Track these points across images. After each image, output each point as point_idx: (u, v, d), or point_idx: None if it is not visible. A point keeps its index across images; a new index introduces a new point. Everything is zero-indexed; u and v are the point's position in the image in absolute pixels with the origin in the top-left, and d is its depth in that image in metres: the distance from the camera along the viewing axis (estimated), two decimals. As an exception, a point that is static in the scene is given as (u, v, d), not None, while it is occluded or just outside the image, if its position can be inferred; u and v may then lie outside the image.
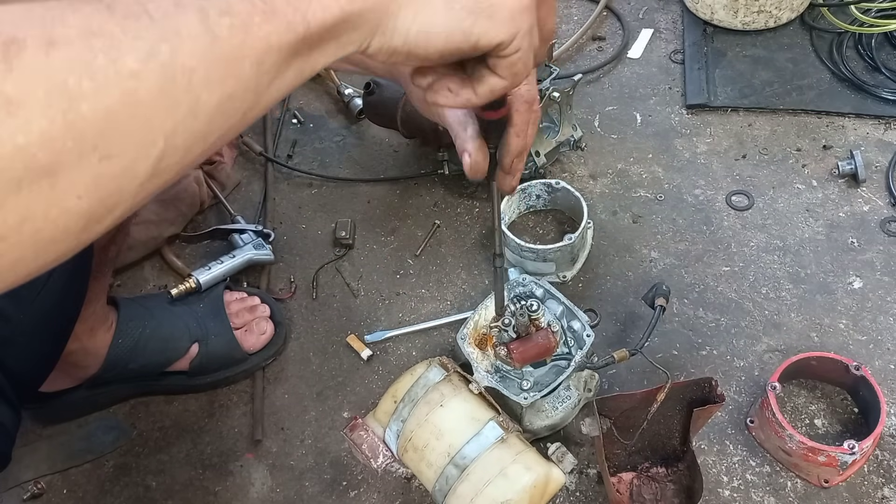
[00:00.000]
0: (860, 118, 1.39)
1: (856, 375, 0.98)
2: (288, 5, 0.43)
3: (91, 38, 0.37)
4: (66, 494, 1.04)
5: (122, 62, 0.37)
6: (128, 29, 0.38)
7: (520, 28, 0.52)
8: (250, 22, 0.42)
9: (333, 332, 1.18)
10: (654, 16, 1.67)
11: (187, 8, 0.40)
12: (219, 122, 0.43)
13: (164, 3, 0.39)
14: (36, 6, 0.37)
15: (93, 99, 0.36)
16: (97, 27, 0.37)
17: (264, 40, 0.43)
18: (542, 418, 0.99)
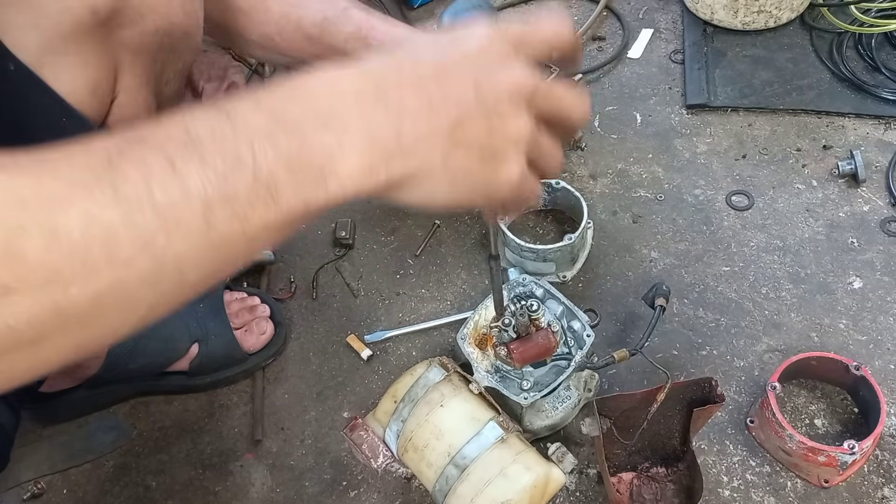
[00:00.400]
0: (860, 118, 1.39)
1: (856, 375, 0.98)
2: (292, 194, 0.44)
3: (92, 227, 0.38)
4: (66, 494, 1.04)
5: (116, 252, 0.39)
6: (129, 220, 0.39)
7: (516, 193, 0.54)
8: (250, 211, 0.42)
9: (333, 332, 1.18)
10: (654, 16, 1.67)
11: (192, 198, 0.40)
12: (202, 285, 0.44)
13: (172, 188, 0.40)
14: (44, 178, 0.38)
15: (82, 285, 0.38)
16: (98, 214, 0.38)
17: (262, 226, 0.43)
18: (542, 418, 0.99)
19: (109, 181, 0.39)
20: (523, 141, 0.52)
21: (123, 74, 0.72)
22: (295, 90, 0.46)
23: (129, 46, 0.71)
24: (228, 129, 0.42)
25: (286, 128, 0.44)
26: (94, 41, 0.67)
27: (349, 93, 0.46)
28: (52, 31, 0.64)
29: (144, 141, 0.41)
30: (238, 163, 0.42)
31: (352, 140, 0.45)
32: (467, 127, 0.50)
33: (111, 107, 0.73)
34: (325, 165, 0.45)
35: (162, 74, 0.77)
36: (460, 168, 0.50)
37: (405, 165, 0.48)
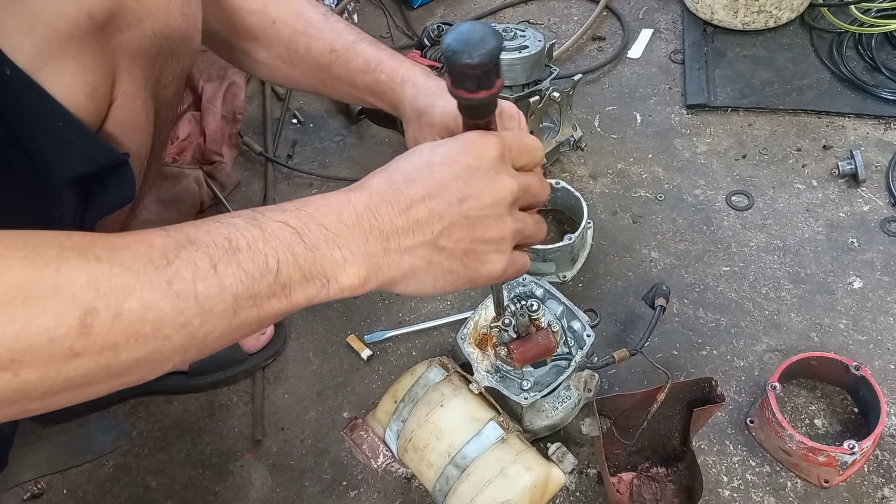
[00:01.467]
0: (860, 118, 1.39)
1: (856, 375, 0.98)
2: (301, 293, 0.55)
3: (147, 312, 0.48)
4: (66, 494, 1.04)
5: (162, 331, 0.49)
6: (176, 308, 0.49)
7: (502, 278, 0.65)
8: (268, 304, 0.54)
9: (333, 332, 1.18)
10: (654, 16, 1.67)
11: (226, 291, 0.51)
12: (220, 348, 0.54)
13: (212, 285, 0.51)
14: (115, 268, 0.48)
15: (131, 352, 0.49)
16: (154, 303, 0.48)
17: (273, 313, 0.55)
18: (542, 418, 0.99)
19: (166, 277, 0.49)
20: (507, 240, 0.61)
21: (121, 78, 0.72)
22: (312, 207, 0.57)
23: (126, 50, 0.71)
24: (261, 241, 0.53)
25: (306, 244, 0.55)
26: (91, 45, 0.67)
27: (353, 219, 0.57)
28: (49, 35, 0.64)
29: (195, 244, 0.51)
30: (265, 269, 0.53)
31: (353, 258, 0.57)
32: (450, 237, 0.59)
33: (109, 110, 0.73)
34: (330, 275, 0.56)
35: (160, 78, 0.77)
36: (443, 269, 0.60)
37: (393, 275, 0.59)
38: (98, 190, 0.73)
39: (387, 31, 1.76)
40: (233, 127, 1.45)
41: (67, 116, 0.67)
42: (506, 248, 0.62)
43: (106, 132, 0.74)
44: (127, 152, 0.74)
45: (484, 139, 0.60)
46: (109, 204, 0.75)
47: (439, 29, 1.49)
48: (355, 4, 1.82)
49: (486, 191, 0.59)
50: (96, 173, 0.71)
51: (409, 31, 1.75)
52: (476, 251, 0.61)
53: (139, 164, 0.80)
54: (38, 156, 0.67)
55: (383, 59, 0.87)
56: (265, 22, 0.88)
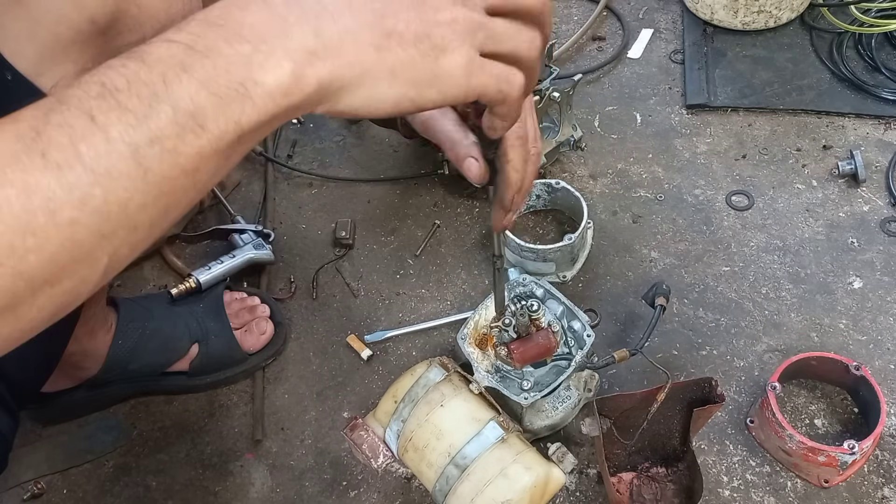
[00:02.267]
0: (860, 118, 1.39)
1: (856, 375, 0.98)
2: (219, 115, 0.44)
3: (30, 197, 0.40)
4: (66, 494, 1.04)
5: (60, 215, 0.41)
6: (63, 182, 0.40)
7: (474, 83, 0.51)
8: (181, 143, 0.43)
9: (333, 332, 1.18)
10: (654, 16, 1.67)
11: (115, 143, 0.41)
12: (161, 222, 0.46)
13: (96, 140, 0.41)
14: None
15: (37, 251, 0.41)
16: (34, 183, 0.40)
17: (197, 155, 0.44)
18: (542, 418, 0.99)
19: (38, 150, 0.40)
20: (463, 29, 0.49)
21: None
22: (206, 16, 0.45)
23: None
24: (143, 69, 0.43)
25: (199, 52, 0.43)
26: (92, 50, 0.66)
27: (261, 6, 0.45)
28: (50, 40, 0.64)
29: (65, 102, 0.42)
30: (155, 99, 0.42)
31: (269, 47, 0.44)
32: (397, 17, 0.47)
33: None
34: (246, 79, 0.44)
35: None
36: (397, 60, 0.48)
37: (334, 65, 0.46)
38: None
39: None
40: (233, 127, 1.45)
41: None
42: (463, 35, 0.49)
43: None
44: None
45: None
46: None
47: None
48: None
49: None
50: None
51: (409, 31, 1.74)
52: (430, 35, 0.48)
53: None
54: None
55: None
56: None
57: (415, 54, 0.48)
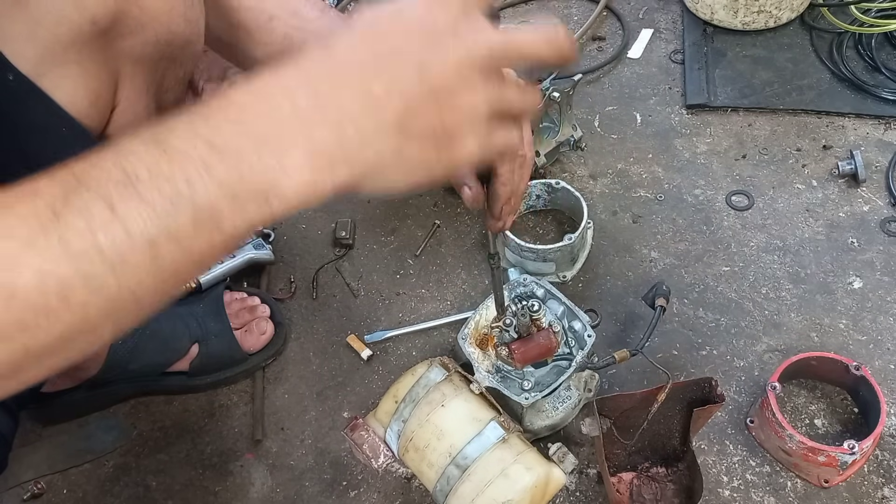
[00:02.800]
0: (860, 118, 1.39)
1: (856, 375, 0.98)
2: (237, 217, 0.44)
3: (46, 281, 0.41)
4: (66, 494, 1.04)
5: (73, 299, 0.42)
6: (79, 270, 0.41)
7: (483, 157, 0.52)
8: (196, 241, 0.44)
9: (333, 332, 1.18)
10: (654, 16, 1.67)
11: (134, 236, 0.42)
12: (165, 298, 0.47)
13: (115, 231, 0.42)
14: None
15: (47, 329, 0.42)
16: (50, 270, 0.41)
17: (209, 249, 0.45)
18: (542, 418, 0.99)
19: (57, 235, 0.41)
20: (480, 113, 0.51)
21: (124, 84, 0.72)
22: (230, 108, 0.45)
23: (129, 56, 0.70)
24: (165, 163, 0.43)
25: (224, 154, 0.44)
26: (94, 51, 0.66)
27: (285, 106, 0.46)
28: (52, 41, 0.64)
29: (85, 184, 0.42)
30: (178, 197, 0.43)
31: (293, 159, 0.45)
32: (417, 116, 0.48)
33: (111, 116, 0.73)
34: (269, 189, 0.45)
35: (163, 82, 0.76)
36: (414, 159, 0.49)
37: (353, 171, 0.47)
38: None
39: (387, 30, 1.76)
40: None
41: (70, 122, 0.67)
42: (480, 122, 0.51)
43: (108, 137, 0.74)
44: None
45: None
46: None
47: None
48: (355, 5, 1.82)
49: (450, 54, 0.48)
50: None
51: (409, 31, 1.74)
52: (447, 128, 0.50)
53: None
54: (40, 161, 0.67)
55: None
56: (261, 18, 0.87)
57: (430, 148, 0.50)
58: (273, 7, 0.87)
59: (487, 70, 0.50)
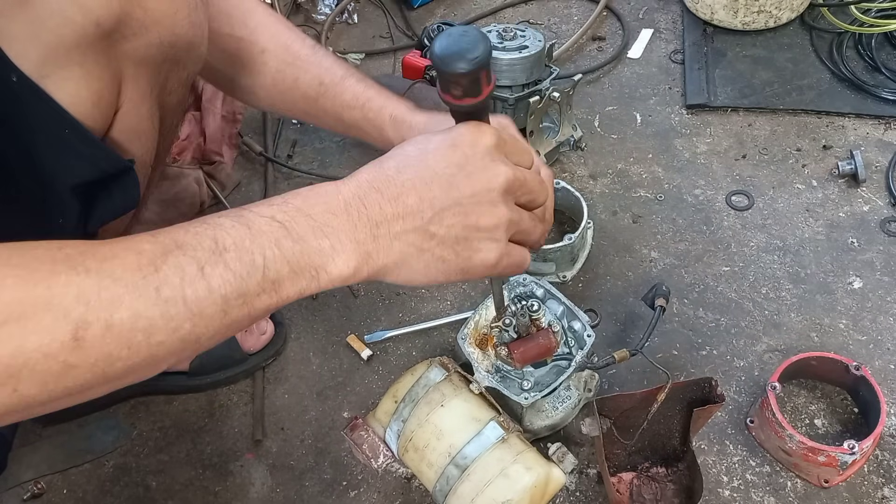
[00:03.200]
0: (860, 118, 1.39)
1: (856, 375, 0.98)
2: (292, 286, 0.56)
3: (138, 320, 0.49)
4: (66, 494, 1.04)
5: (154, 337, 0.50)
6: (166, 314, 0.50)
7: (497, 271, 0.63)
8: (258, 301, 0.55)
9: (333, 332, 1.18)
10: (654, 16, 1.67)
11: (214, 293, 0.52)
12: (214, 344, 0.55)
13: (200, 287, 0.52)
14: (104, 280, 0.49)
15: (125, 360, 0.50)
16: (143, 311, 0.49)
17: (265, 308, 0.55)
18: (542, 418, 0.99)
19: (154, 284, 0.50)
20: (501, 228, 0.61)
21: (127, 85, 0.72)
22: (302, 203, 0.57)
23: (132, 58, 0.70)
24: (248, 237, 0.54)
25: (293, 237, 0.55)
26: (97, 53, 0.67)
27: (341, 207, 0.58)
28: (55, 43, 0.64)
29: (182, 247, 0.52)
30: (252, 267, 0.54)
31: (342, 246, 0.57)
32: (441, 223, 0.59)
33: (114, 117, 0.73)
34: (319, 267, 0.56)
35: (166, 85, 0.77)
36: (434, 257, 0.60)
37: (383, 261, 0.59)
38: (103, 196, 0.73)
39: (387, 31, 1.76)
40: (233, 127, 1.45)
41: (73, 124, 0.67)
42: (500, 237, 0.61)
43: (111, 139, 0.74)
44: (132, 159, 0.74)
45: (479, 128, 0.61)
46: (114, 210, 0.75)
47: (439, 29, 1.49)
48: (355, 4, 1.82)
49: (480, 176, 0.59)
50: (101, 180, 0.71)
51: (409, 31, 1.75)
52: (468, 238, 0.60)
53: (144, 170, 0.80)
54: (43, 163, 0.67)
55: (371, 95, 0.89)
56: (253, 50, 0.90)
57: (450, 254, 0.60)
58: (265, 40, 0.90)
59: (508, 194, 0.61)
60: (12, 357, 0.46)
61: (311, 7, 1.81)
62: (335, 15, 1.78)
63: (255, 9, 0.92)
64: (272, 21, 0.92)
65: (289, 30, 0.92)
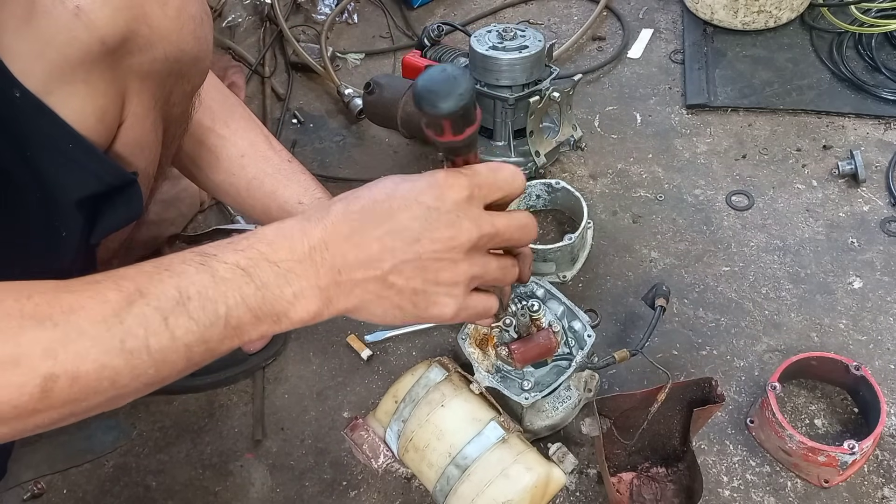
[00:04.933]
0: (860, 118, 1.39)
1: (856, 375, 0.98)
2: (253, 330, 0.57)
3: (103, 371, 0.52)
4: (66, 494, 1.04)
5: (118, 383, 0.53)
6: (130, 364, 0.53)
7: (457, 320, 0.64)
8: (220, 345, 0.57)
9: (333, 332, 1.18)
10: (654, 16, 1.67)
11: (177, 342, 0.54)
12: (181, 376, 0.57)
13: (163, 339, 0.53)
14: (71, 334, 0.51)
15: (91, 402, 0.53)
16: (108, 363, 0.52)
17: (227, 349, 0.58)
18: (542, 418, 0.99)
19: (119, 336, 0.52)
20: (460, 285, 0.62)
21: (131, 100, 0.72)
22: (267, 249, 0.58)
23: (137, 73, 0.70)
24: (211, 287, 0.55)
25: (255, 283, 0.57)
26: (102, 69, 0.67)
27: (306, 253, 0.59)
28: (60, 60, 0.64)
29: (146, 296, 0.53)
30: (215, 316, 0.55)
31: (304, 293, 0.58)
32: (401, 274, 0.60)
33: (118, 131, 0.73)
34: (282, 313, 0.58)
35: (170, 97, 0.76)
36: (391, 304, 0.62)
37: (344, 306, 0.61)
38: (107, 209, 0.73)
39: (387, 31, 1.76)
40: (233, 127, 1.45)
41: (77, 138, 0.67)
42: (458, 293, 0.62)
43: (115, 152, 0.74)
44: (135, 171, 0.74)
45: (451, 179, 0.60)
46: (117, 222, 0.75)
47: (439, 29, 1.49)
48: (355, 4, 1.82)
49: (443, 234, 0.60)
50: (105, 193, 0.71)
51: (409, 31, 1.75)
52: (426, 291, 0.61)
53: (147, 181, 0.80)
54: (47, 177, 0.67)
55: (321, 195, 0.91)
56: (232, 151, 0.91)
57: (407, 304, 0.61)
58: (245, 146, 0.92)
59: (473, 250, 0.61)
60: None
61: (311, 7, 1.81)
62: (335, 15, 1.78)
63: (236, 109, 0.93)
64: (252, 126, 0.93)
65: (266, 139, 0.93)
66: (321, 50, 1.65)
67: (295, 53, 1.66)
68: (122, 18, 0.65)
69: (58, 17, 0.63)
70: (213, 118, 0.90)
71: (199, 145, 0.91)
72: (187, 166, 0.94)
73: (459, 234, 0.60)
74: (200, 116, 0.88)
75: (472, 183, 0.60)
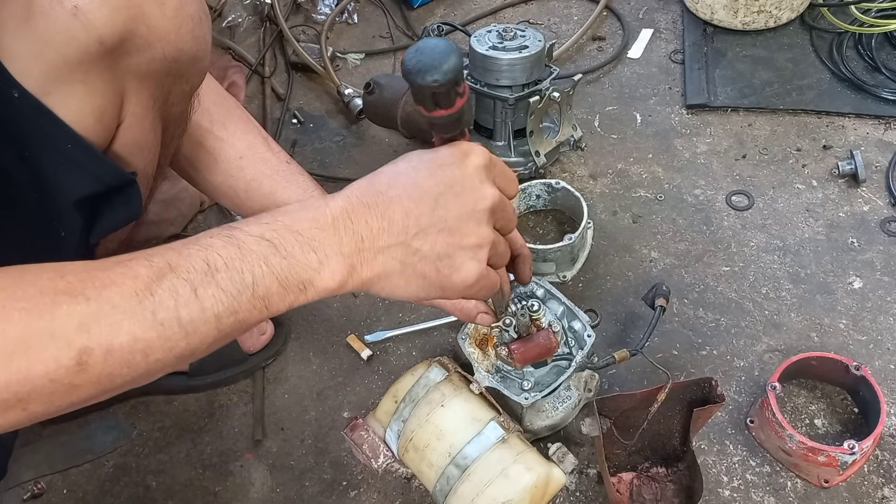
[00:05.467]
0: (860, 118, 1.39)
1: (856, 375, 0.98)
2: (280, 300, 0.58)
3: (137, 343, 0.53)
4: (66, 494, 1.04)
5: (151, 356, 0.54)
6: (162, 336, 0.53)
7: (473, 292, 0.65)
8: (249, 315, 0.57)
9: (333, 332, 1.18)
10: (654, 16, 1.67)
11: (207, 312, 0.55)
12: (212, 350, 0.58)
13: (193, 309, 0.54)
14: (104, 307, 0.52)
15: (126, 377, 0.54)
16: (141, 335, 0.53)
17: (256, 321, 0.59)
18: (542, 418, 0.99)
19: (150, 308, 0.53)
20: (484, 248, 0.63)
21: (130, 100, 0.72)
22: (290, 221, 0.59)
23: (135, 73, 0.70)
24: (238, 257, 0.56)
25: (281, 253, 0.58)
26: (100, 69, 0.67)
27: (329, 222, 0.60)
28: (58, 60, 0.64)
29: (175, 270, 0.54)
30: (243, 285, 0.56)
31: (328, 260, 0.59)
32: (426, 239, 0.61)
33: (117, 131, 0.73)
34: (307, 281, 0.59)
35: (168, 97, 0.76)
36: (415, 273, 0.62)
37: (367, 275, 0.61)
38: (105, 209, 0.73)
39: (387, 30, 1.76)
40: (233, 127, 1.45)
41: (75, 139, 0.67)
42: (481, 257, 0.63)
43: (114, 152, 0.74)
44: (134, 171, 0.74)
45: (472, 148, 0.62)
46: (116, 222, 0.75)
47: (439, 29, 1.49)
48: (355, 4, 1.82)
49: (468, 196, 0.61)
50: (104, 193, 0.71)
51: (409, 31, 1.75)
52: (451, 256, 0.62)
53: (146, 181, 0.80)
54: (46, 177, 0.67)
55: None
56: (230, 153, 0.91)
57: (431, 271, 0.62)
58: (243, 147, 0.92)
59: (492, 215, 0.63)
60: (21, 384, 0.50)
61: (311, 7, 1.81)
62: (335, 15, 1.78)
63: (234, 111, 0.93)
64: (250, 127, 0.93)
65: (265, 140, 0.93)
66: (321, 50, 1.65)
67: (295, 53, 1.66)
68: (120, 18, 0.65)
69: (56, 18, 0.63)
70: (210, 120, 0.90)
71: (197, 147, 0.91)
72: (185, 168, 0.94)
73: (484, 198, 0.61)
74: (198, 118, 0.88)
75: (490, 155, 0.63)
